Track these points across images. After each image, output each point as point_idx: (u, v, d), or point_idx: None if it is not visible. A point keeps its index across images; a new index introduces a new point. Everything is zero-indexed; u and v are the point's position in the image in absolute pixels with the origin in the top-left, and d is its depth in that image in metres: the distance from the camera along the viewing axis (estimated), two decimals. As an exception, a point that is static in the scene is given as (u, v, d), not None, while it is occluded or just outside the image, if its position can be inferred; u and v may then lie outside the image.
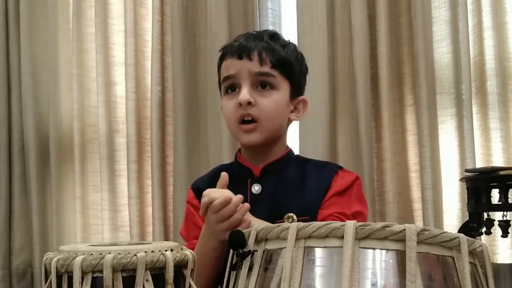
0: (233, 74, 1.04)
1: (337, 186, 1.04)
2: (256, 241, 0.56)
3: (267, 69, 1.02)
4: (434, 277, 0.50)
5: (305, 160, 1.15)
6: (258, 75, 1.02)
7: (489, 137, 1.45)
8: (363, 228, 0.50)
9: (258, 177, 1.07)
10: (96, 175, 1.80)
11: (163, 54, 1.75)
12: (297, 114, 1.10)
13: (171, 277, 0.61)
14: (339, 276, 0.48)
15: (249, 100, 1.01)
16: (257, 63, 1.02)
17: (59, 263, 0.60)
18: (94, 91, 1.80)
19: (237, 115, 1.03)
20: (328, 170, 1.09)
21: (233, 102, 1.04)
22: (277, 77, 1.03)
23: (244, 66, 1.02)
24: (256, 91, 1.03)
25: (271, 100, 1.03)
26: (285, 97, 1.05)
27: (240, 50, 1.03)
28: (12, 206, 1.84)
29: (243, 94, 1.01)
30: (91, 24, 1.82)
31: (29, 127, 1.83)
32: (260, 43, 1.04)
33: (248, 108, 1.02)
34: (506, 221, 1.13)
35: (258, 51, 1.02)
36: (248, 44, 1.04)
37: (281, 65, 1.04)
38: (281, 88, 1.05)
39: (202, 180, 1.16)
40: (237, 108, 1.03)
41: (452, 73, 1.49)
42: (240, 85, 1.03)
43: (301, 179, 1.07)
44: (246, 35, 1.09)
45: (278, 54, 1.04)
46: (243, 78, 1.03)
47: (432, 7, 1.51)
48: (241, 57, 1.03)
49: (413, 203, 1.52)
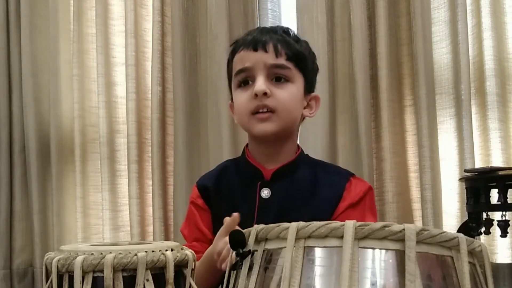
0: (248, 66, 1.02)
1: (350, 197, 1.02)
2: (256, 241, 0.56)
3: (283, 61, 1.01)
4: (433, 277, 0.50)
5: (316, 163, 1.12)
6: (273, 67, 1.00)
7: (488, 137, 1.45)
8: (362, 228, 0.50)
9: (268, 181, 1.04)
10: (97, 175, 1.80)
11: (164, 55, 1.75)
12: (310, 110, 1.08)
13: (171, 277, 0.61)
14: (338, 275, 0.48)
15: (265, 90, 0.98)
16: (273, 55, 1.00)
17: (60, 263, 0.61)
18: (95, 91, 1.80)
19: (251, 106, 1.00)
20: (340, 177, 1.06)
21: (247, 94, 1.01)
22: (292, 70, 1.02)
23: (260, 58, 1.00)
24: (271, 83, 1.01)
25: (287, 92, 1.01)
26: (300, 91, 1.04)
27: (255, 42, 1.02)
28: (13, 206, 1.85)
29: (258, 84, 0.99)
30: (91, 24, 1.83)
31: (30, 127, 1.83)
32: (275, 35, 1.03)
33: (263, 99, 0.99)
34: (505, 221, 1.13)
35: (273, 43, 1.01)
36: (262, 37, 1.02)
37: (296, 58, 1.02)
38: (296, 81, 1.03)
39: (208, 178, 1.13)
40: (251, 100, 1.00)
41: (452, 73, 1.49)
42: (255, 77, 1.01)
43: (311, 185, 1.04)
44: (260, 29, 1.08)
45: (293, 47, 1.02)
46: (258, 70, 1.00)
47: (432, 7, 1.51)
48: (256, 49, 1.01)
49: (413, 203, 1.52)
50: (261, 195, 1.03)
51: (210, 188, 1.09)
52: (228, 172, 1.11)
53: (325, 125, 1.55)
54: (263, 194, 1.03)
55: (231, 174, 1.11)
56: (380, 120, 1.52)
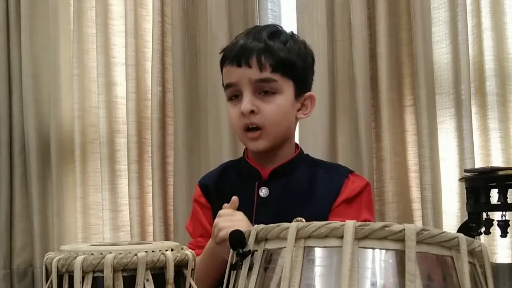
0: (233, 82, 1.02)
1: (347, 192, 1.02)
2: (256, 241, 0.56)
3: (268, 74, 0.99)
4: (433, 277, 0.50)
5: (315, 162, 1.12)
6: (259, 81, 0.99)
7: (488, 137, 1.45)
8: (362, 228, 0.50)
9: (266, 180, 1.05)
10: (97, 175, 1.80)
11: (164, 55, 1.75)
12: (304, 111, 1.07)
13: (171, 277, 0.61)
14: (338, 275, 0.48)
15: (251, 109, 0.99)
16: (257, 70, 0.99)
17: (60, 263, 0.61)
18: (95, 91, 1.80)
19: (241, 123, 1.01)
20: (339, 174, 1.06)
21: (236, 109, 1.02)
22: (279, 81, 1.00)
23: (244, 73, 0.99)
24: (258, 97, 1.00)
25: (274, 105, 1.00)
26: (289, 99, 1.03)
27: (238, 56, 1.00)
28: (13, 206, 1.85)
29: (244, 103, 0.99)
30: (91, 25, 1.83)
31: (30, 127, 1.83)
32: (259, 44, 1.00)
33: (251, 116, 1.00)
34: (505, 221, 1.14)
35: (256, 55, 0.99)
36: (246, 48, 1.00)
37: (282, 66, 1.00)
38: (285, 91, 1.01)
39: (209, 177, 1.15)
40: (240, 117, 1.01)
41: (452, 73, 1.49)
42: (242, 92, 1.01)
43: (310, 183, 1.05)
44: (246, 35, 1.04)
45: (278, 55, 0.99)
46: (244, 86, 1.00)
47: (432, 7, 1.51)
48: (240, 65, 1.00)
49: (413, 203, 1.52)
50: (259, 194, 1.04)
51: (211, 186, 1.11)
52: (228, 172, 1.13)
53: (325, 125, 1.55)
54: (261, 193, 1.04)
55: (231, 174, 1.12)
56: (380, 120, 1.52)
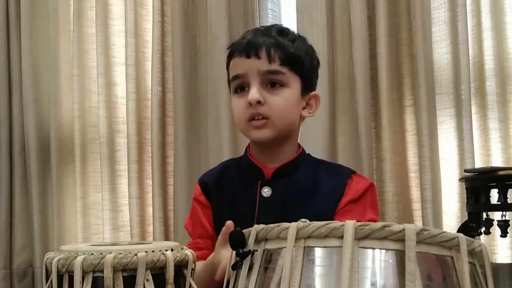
0: (241, 73, 1.02)
1: (352, 193, 1.02)
2: (256, 241, 0.56)
3: (276, 66, 1.00)
4: (433, 277, 0.50)
5: (317, 162, 1.12)
6: (267, 73, 1.00)
7: (488, 137, 1.45)
8: (362, 228, 0.50)
9: (269, 179, 1.04)
10: (97, 175, 1.80)
11: (164, 55, 1.75)
12: (309, 110, 1.08)
13: (171, 277, 0.61)
14: (338, 275, 0.48)
15: (259, 99, 0.99)
16: (266, 61, 1.00)
17: (60, 263, 0.61)
18: (95, 91, 1.80)
19: (247, 114, 1.01)
20: (341, 174, 1.06)
21: (242, 101, 1.02)
22: (287, 74, 1.01)
23: (253, 64, 1.00)
24: (265, 89, 1.01)
25: (281, 98, 1.01)
26: (296, 94, 1.03)
27: (247, 48, 1.01)
28: (13, 206, 1.85)
29: (252, 93, 0.99)
30: (91, 25, 1.83)
31: (30, 127, 1.83)
32: (268, 39, 1.01)
33: (258, 107, 1.00)
34: (505, 221, 1.13)
35: (266, 48, 1.00)
36: (256, 41, 1.01)
37: (291, 61, 1.01)
38: (292, 85, 1.02)
39: (210, 175, 1.14)
40: (247, 108, 1.01)
41: (452, 73, 1.49)
42: (249, 84, 1.01)
43: (313, 183, 1.05)
44: (254, 32, 1.06)
45: (287, 50, 1.01)
46: (252, 77, 1.00)
47: (432, 7, 1.51)
48: (249, 56, 1.00)
49: (413, 203, 1.52)
50: (262, 193, 1.04)
51: (211, 185, 1.10)
52: (229, 171, 1.12)
53: (325, 125, 1.55)
54: (264, 193, 1.04)
55: (232, 173, 1.11)
56: (380, 120, 1.52)
